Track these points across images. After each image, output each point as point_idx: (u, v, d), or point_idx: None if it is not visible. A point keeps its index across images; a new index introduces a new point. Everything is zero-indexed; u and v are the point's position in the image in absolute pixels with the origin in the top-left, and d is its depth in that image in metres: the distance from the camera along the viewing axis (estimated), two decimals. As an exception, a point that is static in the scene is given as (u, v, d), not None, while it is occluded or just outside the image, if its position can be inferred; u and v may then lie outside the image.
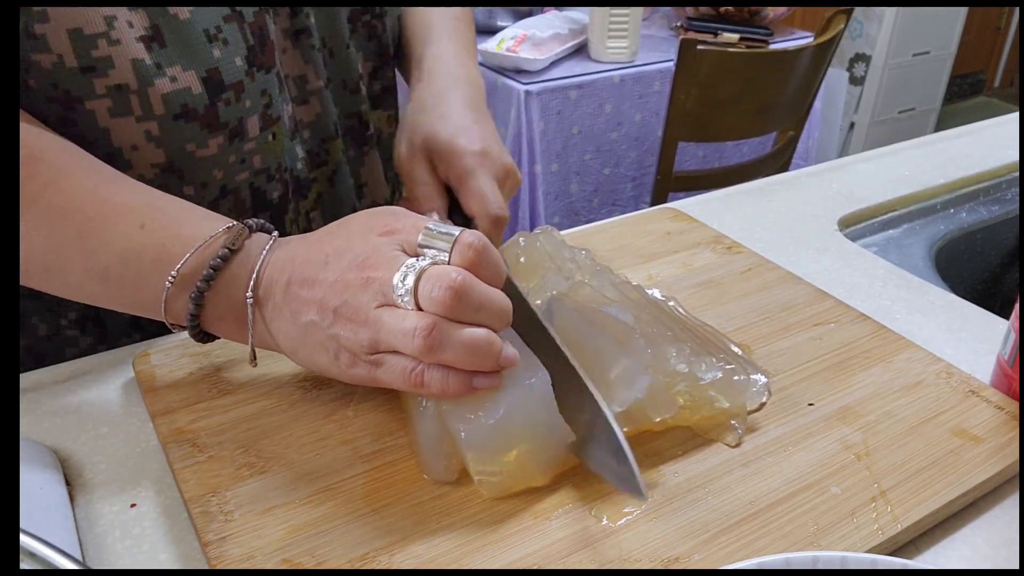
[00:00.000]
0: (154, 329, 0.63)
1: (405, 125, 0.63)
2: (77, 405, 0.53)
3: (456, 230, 0.43)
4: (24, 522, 0.41)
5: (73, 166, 0.49)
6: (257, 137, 0.59)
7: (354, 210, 0.72)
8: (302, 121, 0.65)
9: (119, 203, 0.48)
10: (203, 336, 0.49)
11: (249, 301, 0.46)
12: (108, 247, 0.47)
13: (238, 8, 0.56)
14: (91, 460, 0.49)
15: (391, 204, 0.77)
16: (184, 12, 0.52)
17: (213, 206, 0.59)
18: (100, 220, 0.47)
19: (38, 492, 0.44)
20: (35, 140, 0.48)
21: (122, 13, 0.50)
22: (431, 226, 0.43)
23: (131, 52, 0.51)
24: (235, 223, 0.47)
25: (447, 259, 0.42)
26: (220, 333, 0.49)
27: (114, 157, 0.53)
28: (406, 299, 0.41)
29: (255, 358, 0.48)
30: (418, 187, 0.59)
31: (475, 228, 0.55)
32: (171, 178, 0.56)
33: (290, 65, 0.63)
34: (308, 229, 0.68)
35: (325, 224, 0.68)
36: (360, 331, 0.43)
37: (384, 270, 0.42)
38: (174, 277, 0.46)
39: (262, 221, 0.49)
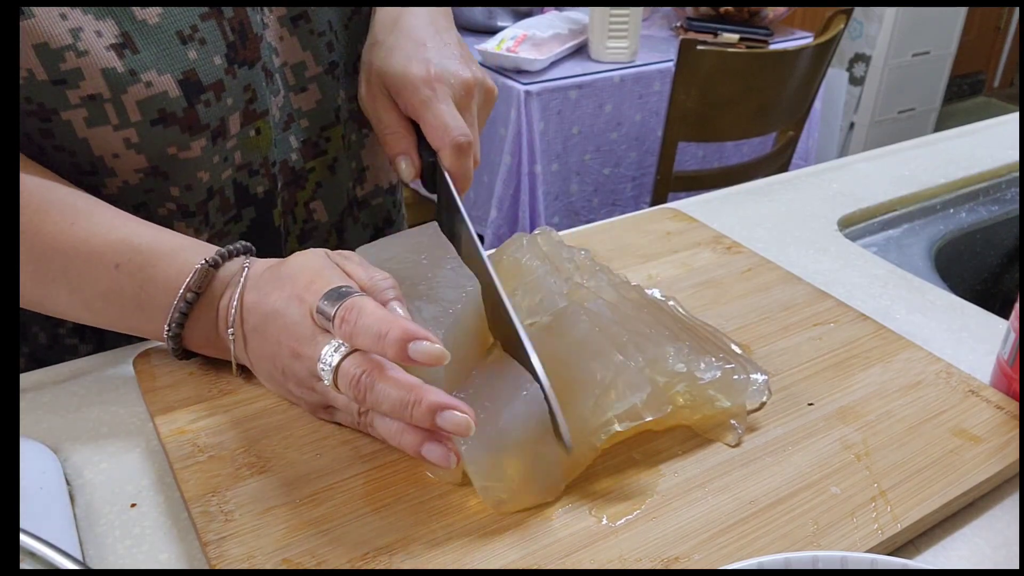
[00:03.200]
0: None
1: (363, 66, 0.62)
2: (77, 405, 0.53)
3: (350, 293, 0.44)
4: (24, 522, 0.41)
5: (48, 204, 0.50)
6: (238, 133, 0.58)
7: (351, 198, 0.71)
8: (299, 110, 0.63)
9: (96, 243, 0.49)
10: (191, 355, 0.53)
11: (230, 336, 0.49)
12: (90, 286, 0.50)
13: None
14: (91, 460, 0.49)
15: (396, 188, 0.76)
16: (153, 16, 0.51)
17: (201, 207, 0.58)
18: (79, 261, 0.49)
19: (38, 492, 0.44)
20: None
21: (89, 23, 0.49)
22: (331, 291, 0.44)
23: (101, 61, 0.50)
24: (203, 261, 0.49)
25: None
26: (208, 354, 0.53)
27: (97, 165, 0.53)
28: (327, 382, 0.44)
29: (240, 372, 0.52)
30: (383, 129, 0.58)
31: (441, 160, 0.55)
32: (157, 181, 0.56)
33: (288, 52, 0.61)
34: (309, 220, 0.67)
35: (328, 216, 0.69)
36: (310, 395, 0.47)
37: (308, 348, 0.45)
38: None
39: (233, 247, 0.51)
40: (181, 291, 0.49)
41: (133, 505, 0.46)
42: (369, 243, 0.54)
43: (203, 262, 0.49)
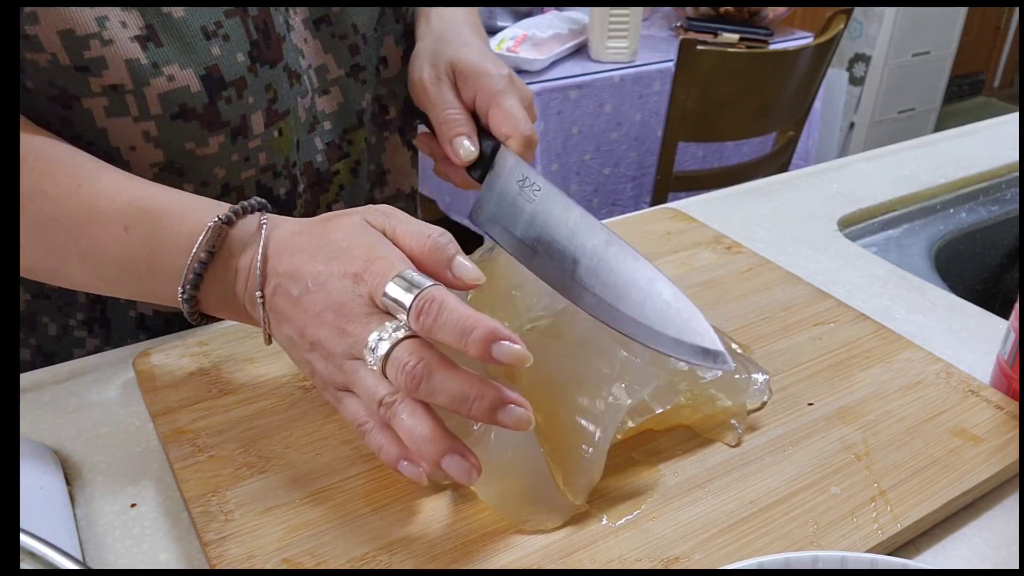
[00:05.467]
0: (160, 329, 0.63)
1: (423, 53, 0.61)
2: (77, 405, 0.53)
3: (423, 283, 0.41)
4: (24, 522, 0.41)
5: (55, 166, 0.48)
6: (262, 134, 0.58)
7: (370, 201, 0.71)
8: (323, 112, 0.64)
9: (103, 206, 0.48)
10: (206, 318, 0.50)
11: (258, 298, 0.45)
12: (101, 253, 0.48)
13: None
14: (91, 460, 0.49)
15: (416, 194, 0.76)
16: (178, 10, 0.52)
17: None
18: (88, 225, 0.48)
19: (38, 492, 0.44)
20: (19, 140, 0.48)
21: (114, 13, 0.50)
22: (399, 278, 0.41)
23: (125, 52, 0.50)
24: (216, 219, 0.46)
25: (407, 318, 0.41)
26: (225, 317, 0.49)
27: (112, 158, 0.53)
28: (374, 365, 0.41)
29: (270, 340, 0.47)
30: (445, 111, 0.57)
31: (507, 149, 0.55)
32: (171, 177, 0.55)
33: (312, 55, 0.62)
34: None
35: None
36: (334, 372, 0.43)
37: (357, 327, 0.42)
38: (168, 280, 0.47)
39: (247, 203, 0.47)
40: (194, 251, 0.46)
41: (133, 505, 0.46)
42: None
43: (216, 219, 0.46)
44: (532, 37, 1.90)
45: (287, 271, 0.44)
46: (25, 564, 0.38)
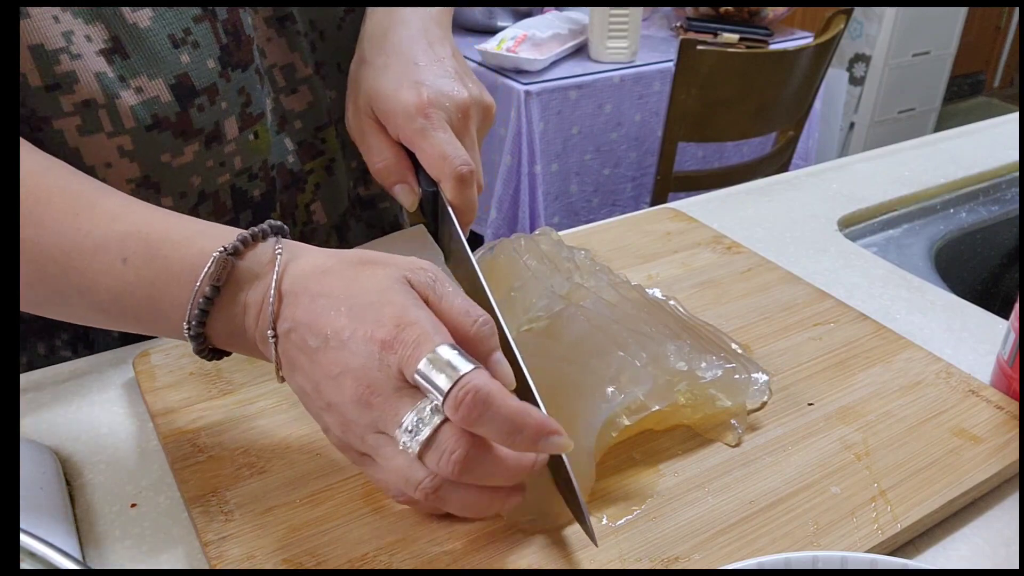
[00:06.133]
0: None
1: (350, 85, 0.58)
2: (77, 405, 0.53)
3: (463, 367, 0.37)
4: (24, 522, 0.41)
5: (52, 193, 0.44)
6: (237, 138, 0.57)
7: (353, 198, 0.70)
8: (292, 111, 0.62)
9: (98, 235, 0.43)
10: (219, 354, 0.46)
11: (272, 340, 0.41)
12: (97, 285, 0.44)
13: (210, 7, 0.53)
14: (91, 460, 0.49)
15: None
16: (144, 20, 0.50)
17: (192, 213, 0.56)
18: (83, 259, 0.43)
19: (38, 492, 0.44)
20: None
21: (78, 27, 0.48)
22: (437, 354, 0.37)
23: (93, 66, 0.49)
24: (221, 249, 0.42)
25: (442, 402, 0.37)
26: (238, 352, 0.46)
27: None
28: (410, 448, 0.38)
29: (283, 380, 0.44)
30: (374, 159, 0.54)
31: (443, 192, 0.51)
32: (148, 192, 0.54)
33: (276, 55, 0.60)
34: (309, 222, 0.66)
35: (328, 216, 0.66)
36: (354, 440, 0.40)
37: (384, 402, 0.38)
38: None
39: (258, 229, 0.44)
40: (197, 285, 0.42)
41: (133, 505, 0.46)
42: (360, 246, 0.54)
43: (222, 249, 0.42)
44: (532, 37, 1.90)
45: (305, 318, 0.40)
46: (25, 564, 0.38)
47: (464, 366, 0.37)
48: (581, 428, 0.44)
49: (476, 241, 1.90)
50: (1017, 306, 0.52)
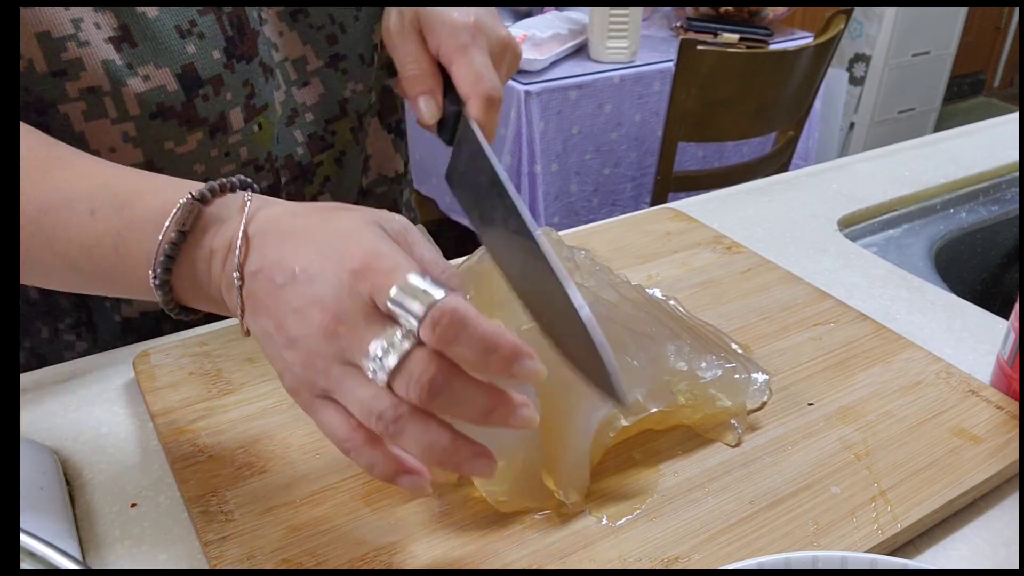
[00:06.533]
0: (149, 331, 0.63)
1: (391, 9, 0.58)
2: (77, 405, 0.53)
3: (436, 293, 0.36)
4: (24, 522, 0.41)
5: (25, 154, 0.45)
6: (242, 129, 0.58)
7: (360, 189, 0.70)
8: (303, 104, 0.63)
9: (68, 189, 0.44)
10: (187, 311, 0.45)
11: (237, 283, 0.40)
12: (67, 239, 0.44)
13: None
14: (91, 460, 0.49)
15: (402, 179, 0.75)
16: (151, 10, 0.51)
17: None
18: (53, 212, 0.44)
19: (38, 492, 0.44)
20: None
21: (88, 15, 0.49)
22: (409, 281, 0.37)
23: (101, 53, 0.50)
24: (188, 195, 0.42)
25: (417, 327, 0.36)
26: (202, 308, 0.45)
27: None
28: (378, 377, 0.37)
29: (248, 332, 0.43)
30: (408, 66, 0.54)
31: (468, 110, 0.51)
32: None
33: (288, 48, 0.61)
34: None
35: None
36: (315, 376, 0.39)
37: (352, 331, 0.37)
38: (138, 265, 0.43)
39: (227, 180, 0.43)
40: (163, 231, 0.41)
41: (133, 505, 0.46)
42: None
43: (188, 196, 0.41)
44: (532, 37, 1.90)
45: (273, 256, 0.40)
46: (25, 564, 0.38)
47: (438, 291, 0.36)
48: (577, 429, 0.44)
49: (476, 241, 1.89)
50: (1017, 306, 0.52)
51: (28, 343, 0.63)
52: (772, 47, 2.10)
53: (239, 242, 0.40)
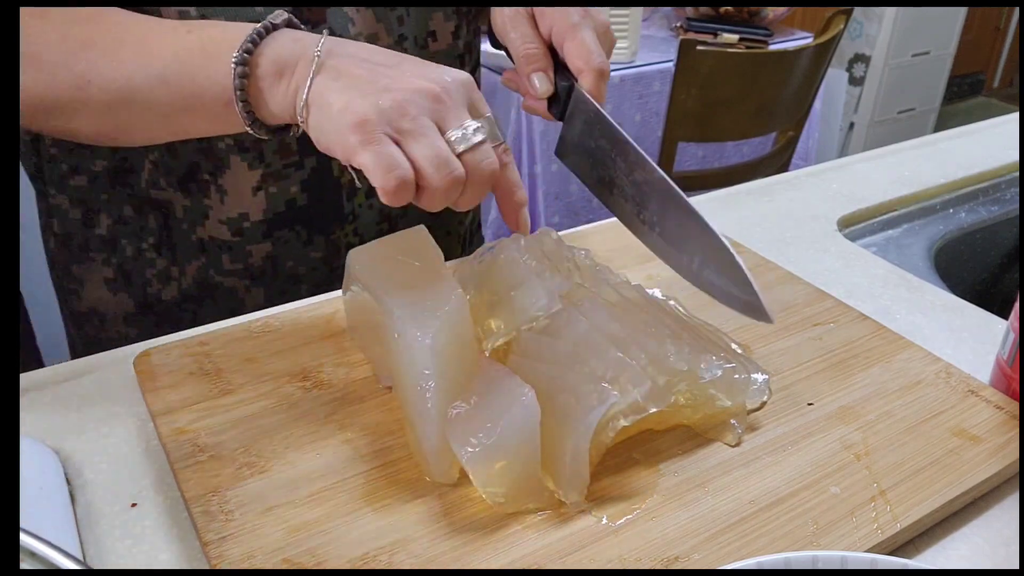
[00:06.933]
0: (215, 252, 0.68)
1: None
2: (77, 405, 0.53)
3: (482, 133, 0.47)
4: (24, 522, 0.41)
5: (125, 13, 0.53)
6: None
7: None
8: None
9: (165, 22, 0.52)
10: (257, 124, 0.50)
11: (316, 55, 0.47)
12: (162, 48, 0.50)
13: None
14: (91, 460, 0.49)
15: None
16: None
17: (255, 145, 0.64)
18: (151, 33, 0.51)
19: (38, 492, 0.44)
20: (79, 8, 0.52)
21: None
22: (470, 123, 0.46)
23: (178, 5, 0.57)
24: (279, 11, 0.50)
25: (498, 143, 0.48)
26: (271, 98, 0.49)
27: None
28: (461, 143, 0.46)
29: (303, 116, 0.48)
30: (523, 45, 0.59)
31: (579, 88, 0.56)
32: None
33: (362, 24, 0.65)
34: (371, 191, 0.69)
35: None
36: (400, 117, 0.45)
37: (454, 105, 0.46)
38: (234, 56, 0.48)
39: (316, 27, 0.52)
40: (252, 31, 0.48)
41: (133, 505, 0.46)
42: (361, 245, 0.54)
43: (278, 12, 0.49)
44: (532, 37, 1.90)
45: (356, 51, 0.48)
46: (25, 564, 0.38)
47: (482, 131, 0.47)
48: (577, 429, 0.44)
49: (478, 241, 1.90)
50: (1017, 306, 0.52)
51: (115, 259, 0.70)
52: (772, 47, 2.10)
53: (324, 35, 0.48)
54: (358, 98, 0.45)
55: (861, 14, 3.04)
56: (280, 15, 0.49)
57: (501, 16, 0.61)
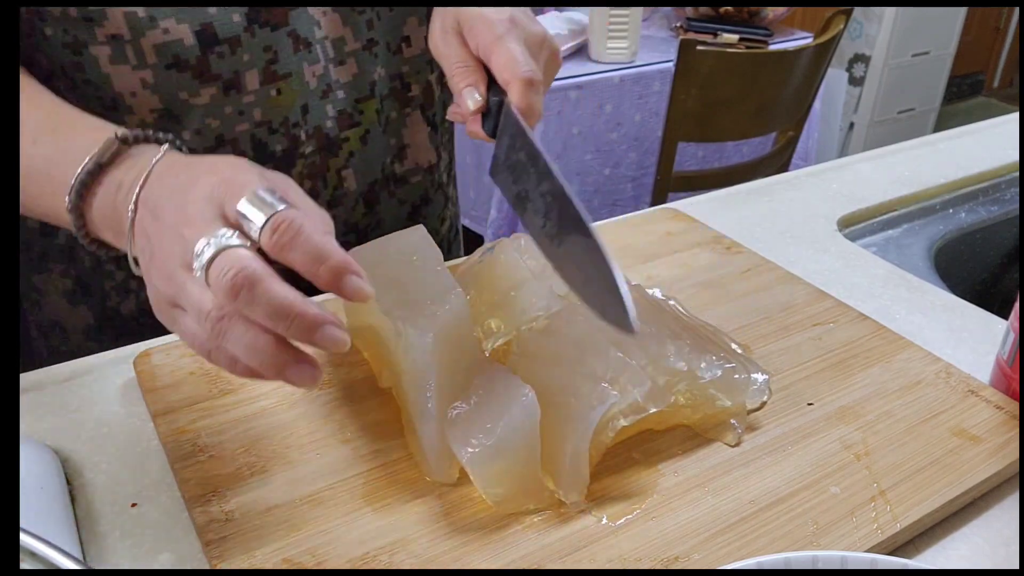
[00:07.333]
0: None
1: (436, 12, 0.62)
2: (77, 405, 0.53)
3: (280, 206, 0.39)
4: (24, 522, 0.41)
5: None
6: (257, 91, 0.62)
7: (388, 173, 0.74)
8: (337, 81, 0.67)
9: (23, 117, 0.50)
10: (100, 245, 0.49)
11: (130, 214, 0.44)
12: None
13: None
14: (91, 460, 0.49)
15: (435, 169, 0.78)
16: None
17: (210, 152, 0.62)
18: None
19: (38, 492, 0.44)
20: None
21: None
22: (258, 193, 0.40)
23: (125, 7, 0.55)
24: (114, 135, 0.46)
25: (259, 233, 0.39)
26: (109, 240, 0.48)
27: (117, 102, 0.58)
28: (199, 273, 0.39)
29: (137, 265, 0.45)
30: (452, 65, 0.58)
31: (510, 96, 0.53)
32: (170, 124, 0.60)
33: (329, 27, 0.65)
34: (339, 187, 0.70)
35: (357, 184, 0.71)
36: (164, 283, 0.41)
37: (194, 231, 0.40)
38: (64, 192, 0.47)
39: (161, 135, 0.48)
40: (85, 162, 0.46)
41: (133, 505, 0.46)
42: (360, 245, 0.54)
43: (114, 135, 0.46)
44: (532, 37, 1.90)
45: (164, 188, 0.43)
46: (25, 564, 0.38)
47: (282, 205, 0.40)
48: (576, 429, 0.44)
49: (476, 241, 1.90)
50: (1017, 306, 0.52)
51: (73, 271, 0.68)
52: (772, 47, 2.10)
53: (143, 177, 0.44)
54: (148, 281, 0.43)
55: (861, 14, 3.04)
56: (107, 147, 0.46)
57: (432, 37, 0.60)
